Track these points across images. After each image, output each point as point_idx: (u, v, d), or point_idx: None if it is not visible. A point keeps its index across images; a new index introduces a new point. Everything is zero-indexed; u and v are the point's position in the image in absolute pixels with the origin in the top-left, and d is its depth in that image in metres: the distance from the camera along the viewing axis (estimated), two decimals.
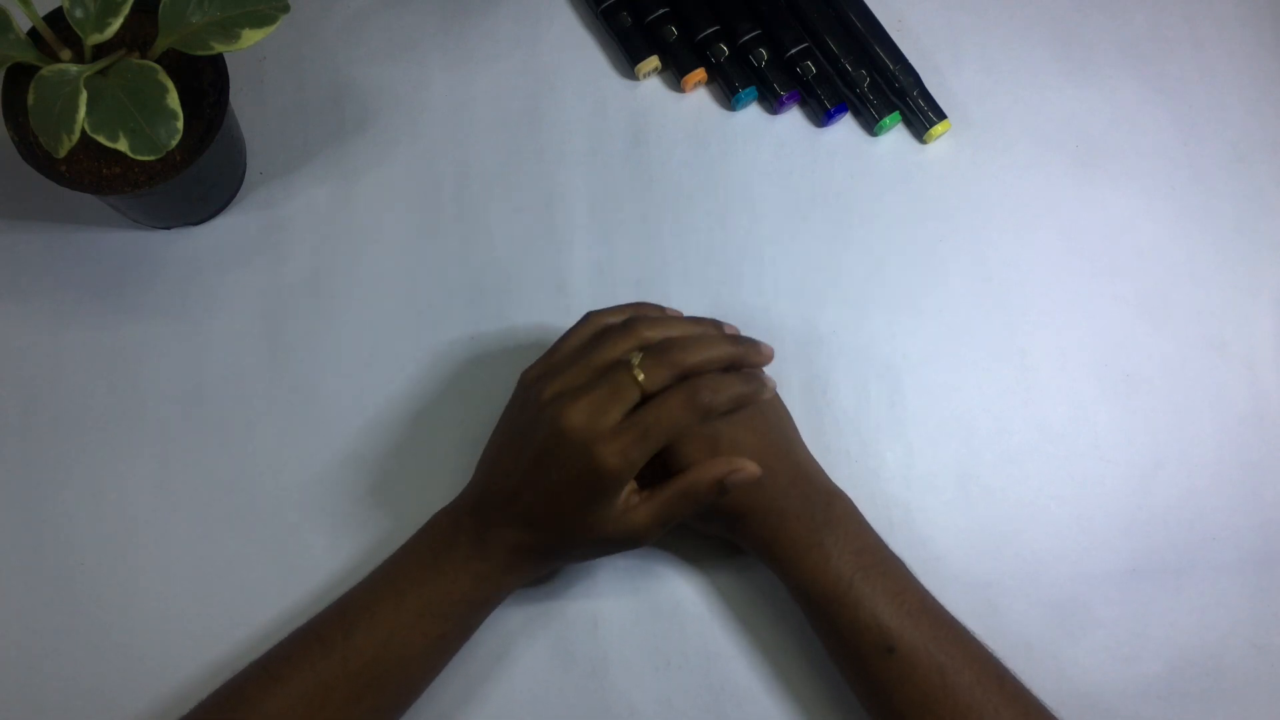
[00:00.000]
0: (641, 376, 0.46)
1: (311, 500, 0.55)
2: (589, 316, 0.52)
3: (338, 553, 0.55)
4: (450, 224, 0.60)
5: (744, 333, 0.56)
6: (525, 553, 0.48)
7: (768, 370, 0.52)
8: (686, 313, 0.58)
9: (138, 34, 0.52)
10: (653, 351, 0.48)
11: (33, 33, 0.50)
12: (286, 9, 0.49)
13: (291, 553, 0.54)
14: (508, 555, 0.48)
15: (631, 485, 0.48)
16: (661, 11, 0.63)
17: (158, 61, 0.48)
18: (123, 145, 0.46)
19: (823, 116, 0.63)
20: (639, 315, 0.51)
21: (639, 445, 0.45)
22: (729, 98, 0.63)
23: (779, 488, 0.50)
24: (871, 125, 0.63)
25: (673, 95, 0.64)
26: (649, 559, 0.55)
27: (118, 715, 0.52)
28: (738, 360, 0.50)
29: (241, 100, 0.60)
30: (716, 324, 0.52)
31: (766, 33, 0.63)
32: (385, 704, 0.48)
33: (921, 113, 0.63)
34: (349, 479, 0.56)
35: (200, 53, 0.48)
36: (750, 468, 0.47)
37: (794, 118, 0.64)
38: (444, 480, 0.54)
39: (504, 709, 0.53)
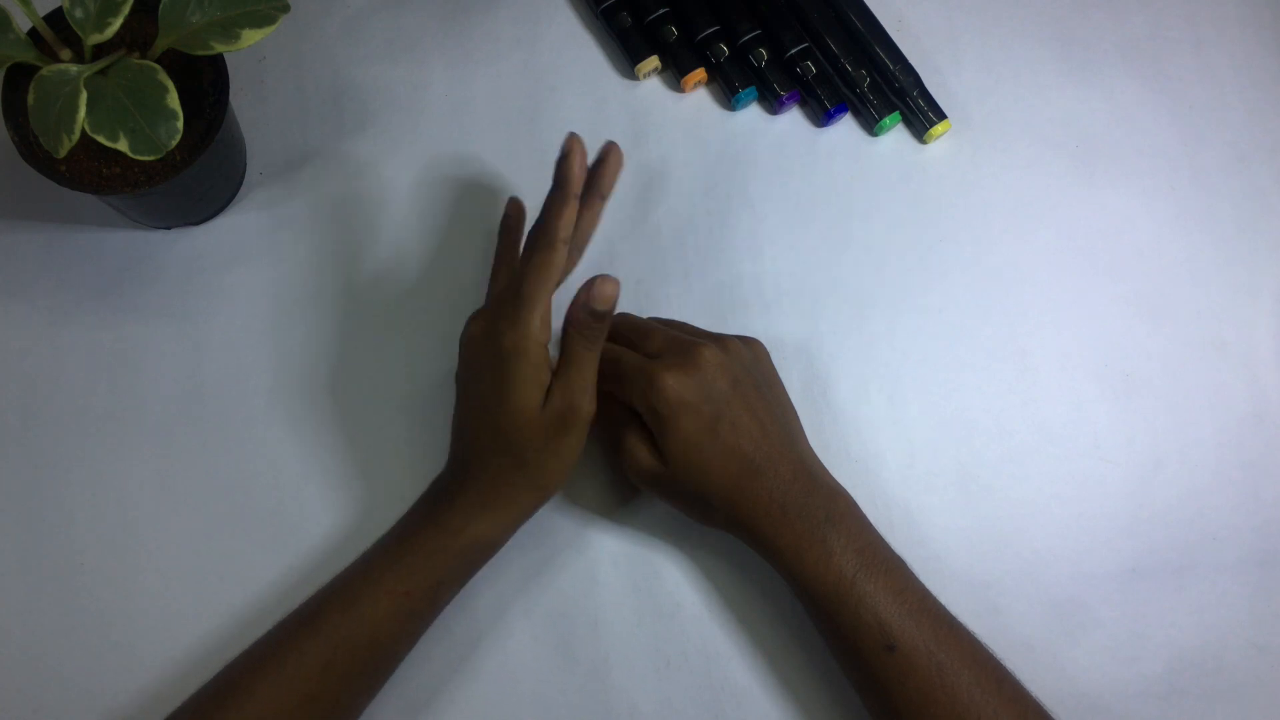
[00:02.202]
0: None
1: (311, 500, 0.55)
2: None
3: (338, 552, 0.55)
4: (450, 224, 0.60)
5: (743, 332, 0.56)
6: (485, 486, 0.49)
7: None
8: (683, 315, 0.59)
9: (138, 34, 0.52)
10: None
11: (33, 33, 0.50)
12: (286, 9, 0.49)
13: (291, 553, 0.54)
14: (468, 496, 0.49)
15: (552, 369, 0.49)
16: (661, 11, 0.63)
17: (158, 61, 0.49)
18: (123, 145, 0.46)
19: (823, 116, 0.63)
20: None
21: (521, 308, 0.48)
22: (729, 98, 0.63)
23: (781, 481, 0.50)
24: (871, 125, 0.63)
25: (673, 95, 0.64)
26: (649, 559, 0.56)
27: (117, 714, 0.52)
28: (568, 183, 0.50)
29: (241, 100, 0.60)
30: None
31: (766, 33, 0.63)
32: (357, 670, 0.48)
33: (921, 113, 0.63)
34: (349, 478, 0.56)
35: (200, 53, 0.48)
36: (609, 279, 0.47)
37: (794, 118, 0.64)
38: None
39: (505, 708, 0.53)
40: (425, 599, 0.49)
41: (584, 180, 0.51)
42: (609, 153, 0.52)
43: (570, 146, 0.50)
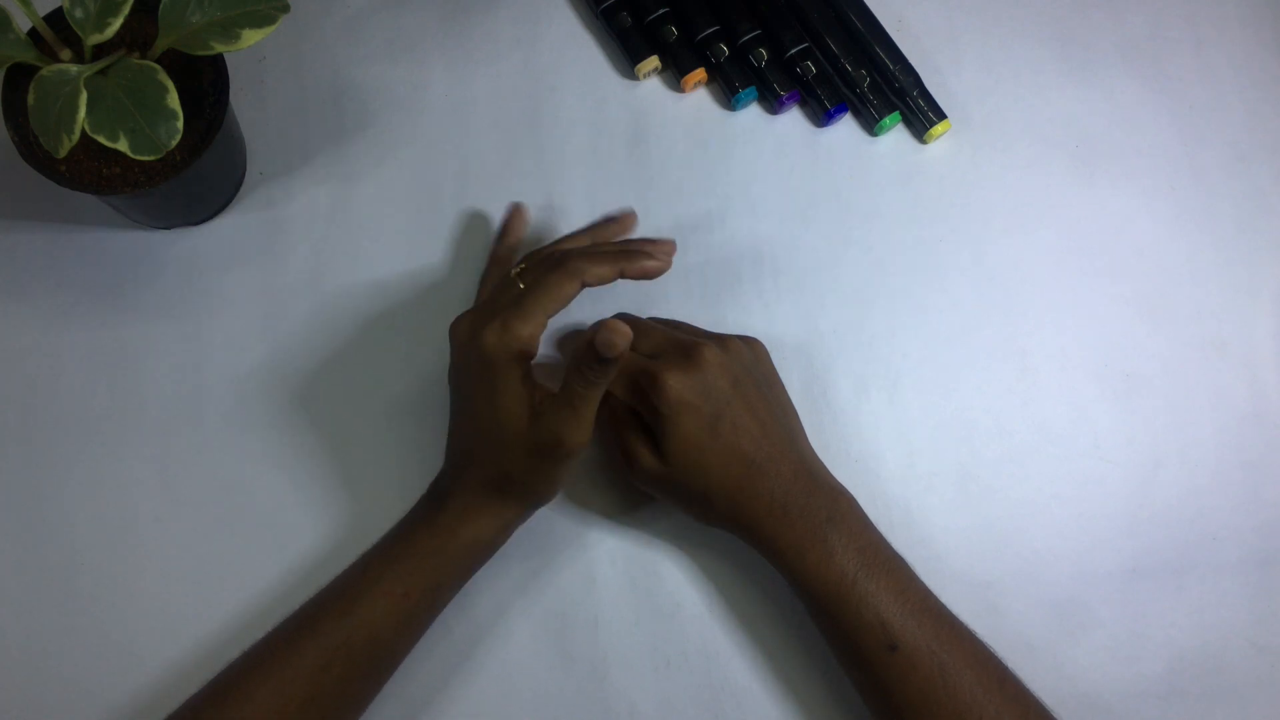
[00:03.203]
0: (516, 274, 0.47)
1: (311, 500, 0.55)
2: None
3: (337, 553, 0.55)
4: (450, 224, 0.60)
5: (743, 332, 0.56)
6: (475, 491, 0.49)
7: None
8: (683, 315, 0.59)
9: (138, 34, 0.52)
10: (533, 256, 0.49)
11: (33, 33, 0.50)
12: (286, 9, 0.49)
13: (291, 553, 0.54)
14: (460, 499, 0.49)
15: (545, 390, 0.48)
16: (661, 11, 0.63)
17: (158, 61, 0.48)
18: (123, 145, 0.46)
19: (823, 116, 0.63)
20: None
21: (515, 318, 0.46)
22: (729, 98, 0.63)
23: (783, 480, 0.50)
24: (871, 125, 0.63)
25: (673, 95, 0.64)
26: (649, 559, 0.56)
27: (117, 714, 0.52)
28: (626, 254, 0.48)
29: (241, 100, 0.60)
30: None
31: (766, 33, 0.63)
32: (355, 673, 0.48)
33: (921, 113, 0.63)
34: (349, 478, 0.56)
35: (200, 53, 0.48)
36: (619, 327, 0.43)
37: (794, 118, 0.64)
38: None
39: (504, 709, 0.53)
40: (424, 600, 0.49)
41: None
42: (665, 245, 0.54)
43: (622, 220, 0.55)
